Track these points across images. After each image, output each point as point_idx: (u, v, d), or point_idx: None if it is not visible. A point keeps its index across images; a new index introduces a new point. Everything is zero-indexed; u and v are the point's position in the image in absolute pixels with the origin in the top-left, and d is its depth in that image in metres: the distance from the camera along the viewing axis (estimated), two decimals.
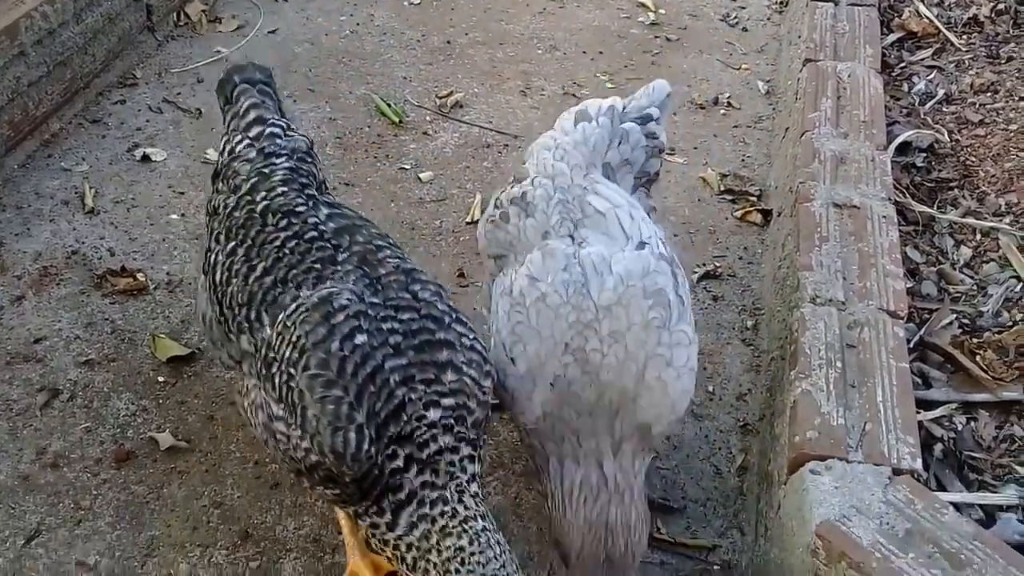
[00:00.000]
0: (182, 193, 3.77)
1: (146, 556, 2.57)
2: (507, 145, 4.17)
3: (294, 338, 2.08)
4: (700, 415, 3.06)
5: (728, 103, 4.51)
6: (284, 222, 2.34)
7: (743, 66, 4.80)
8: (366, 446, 1.99)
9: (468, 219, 3.75)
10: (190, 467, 2.80)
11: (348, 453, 1.98)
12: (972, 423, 2.64)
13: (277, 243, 2.30)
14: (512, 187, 2.67)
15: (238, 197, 2.45)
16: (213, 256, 2.41)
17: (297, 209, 2.36)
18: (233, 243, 2.37)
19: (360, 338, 2.06)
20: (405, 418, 2.04)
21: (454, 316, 2.21)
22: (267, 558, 2.58)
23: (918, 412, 2.53)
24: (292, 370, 2.06)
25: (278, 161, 2.51)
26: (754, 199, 3.91)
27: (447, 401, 2.09)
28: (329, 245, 2.28)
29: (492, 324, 2.53)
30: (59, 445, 2.83)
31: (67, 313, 3.23)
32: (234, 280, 2.30)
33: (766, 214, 3.79)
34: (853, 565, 2.09)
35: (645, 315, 2.34)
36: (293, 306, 2.15)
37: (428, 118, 4.29)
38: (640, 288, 2.35)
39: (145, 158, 3.91)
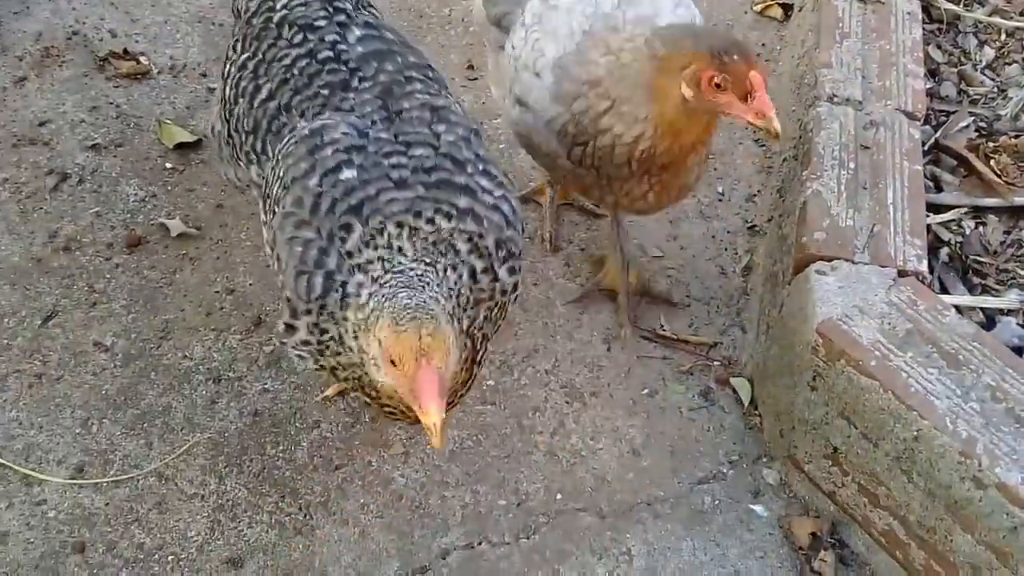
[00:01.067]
0: None
1: (161, 338, 2.63)
2: None
3: (280, 173, 1.91)
4: (708, 215, 3.06)
5: None
6: (299, 38, 2.09)
7: None
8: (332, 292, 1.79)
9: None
10: (201, 254, 2.83)
11: (312, 297, 1.80)
12: (980, 227, 2.64)
13: (287, 62, 2.06)
14: None
15: (259, 0, 2.22)
16: (227, 67, 2.20)
17: (316, 24, 2.10)
18: (246, 55, 2.14)
19: (347, 173, 1.85)
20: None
21: (480, 167, 1.94)
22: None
23: (928, 215, 2.54)
24: (276, 208, 1.90)
25: None
26: None
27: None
28: (344, 69, 2.03)
29: (507, 82, 2.47)
30: (70, 229, 2.85)
31: (71, 96, 3.17)
32: (241, 100, 2.10)
33: (787, 8, 3.66)
34: (852, 363, 2.15)
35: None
36: (287, 138, 1.97)
37: None
38: None
39: None
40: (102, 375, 2.55)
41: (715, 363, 2.73)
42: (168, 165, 3.03)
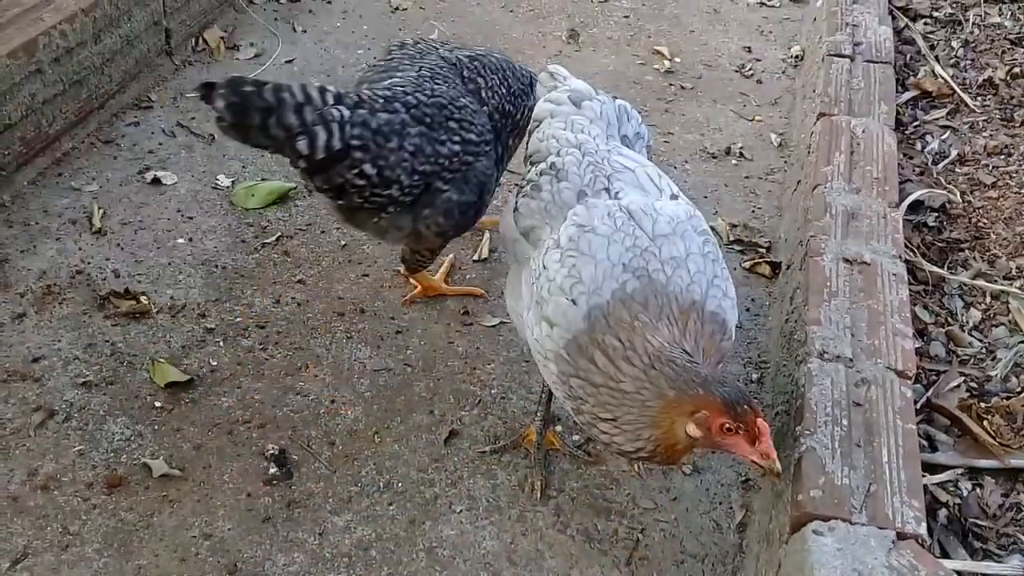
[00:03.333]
0: (191, 218, 3.76)
1: None
2: (516, 184, 4.14)
3: None
4: (701, 467, 3.01)
5: (740, 154, 4.51)
6: None
7: (756, 117, 4.80)
8: None
9: (476, 256, 3.73)
10: (182, 496, 2.76)
11: None
12: (978, 489, 2.59)
13: None
14: (531, 171, 2.74)
15: None
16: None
17: None
18: None
19: None
20: None
21: None
22: None
23: (924, 475, 2.50)
24: None
25: None
26: (763, 251, 3.89)
27: None
28: None
29: (526, 306, 2.54)
30: (51, 467, 2.79)
31: (68, 333, 3.20)
32: None
33: (775, 266, 3.77)
34: None
35: (701, 247, 2.42)
36: None
37: None
38: (690, 226, 2.45)
39: (155, 181, 3.91)
40: None
41: None
42: (157, 404, 3.01)
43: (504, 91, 3.25)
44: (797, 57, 5.24)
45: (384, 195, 2.91)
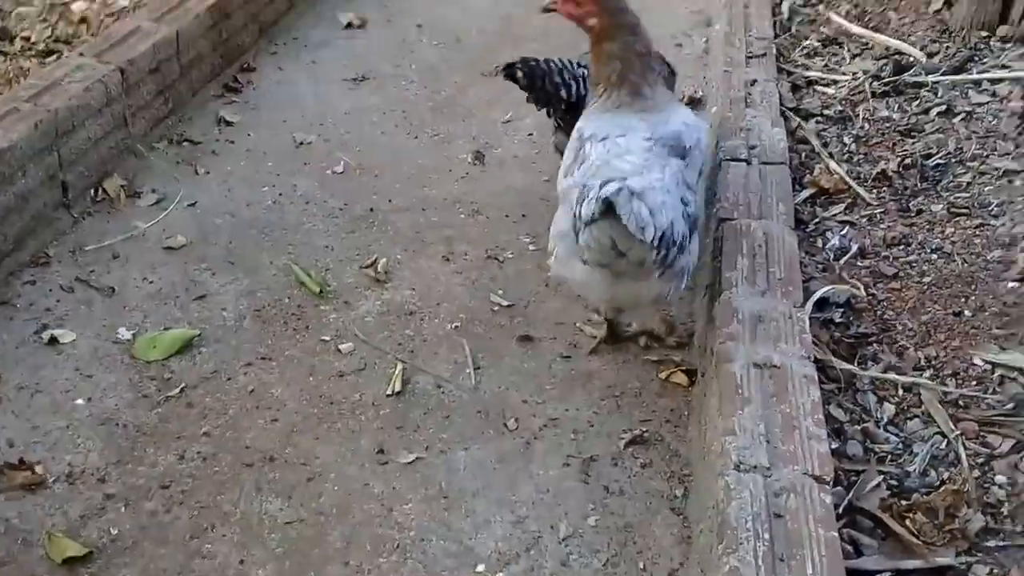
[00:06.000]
0: (90, 376, 3.63)
1: None
2: (430, 311, 4.12)
3: None
4: None
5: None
6: None
7: None
8: None
9: (389, 391, 3.66)
10: None
11: None
12: None
13: None
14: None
15: None
16: None
17: None
18: None
19: None
20: None
21: None
22: None
23: None
24: None
25: None
26: (678, 359, 3.87)
27: None
28: None
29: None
30: None
31: None
32: None
33: (690, 374, 3.75)
34: None
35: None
36: None
37: (349, 287, 4.24)
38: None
39: (52, 340, 3.78)
40: None
41: None
42: None
43: None
44: None
45: None
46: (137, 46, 4.97)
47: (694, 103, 5.63)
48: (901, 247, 4.03)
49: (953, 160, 4.57)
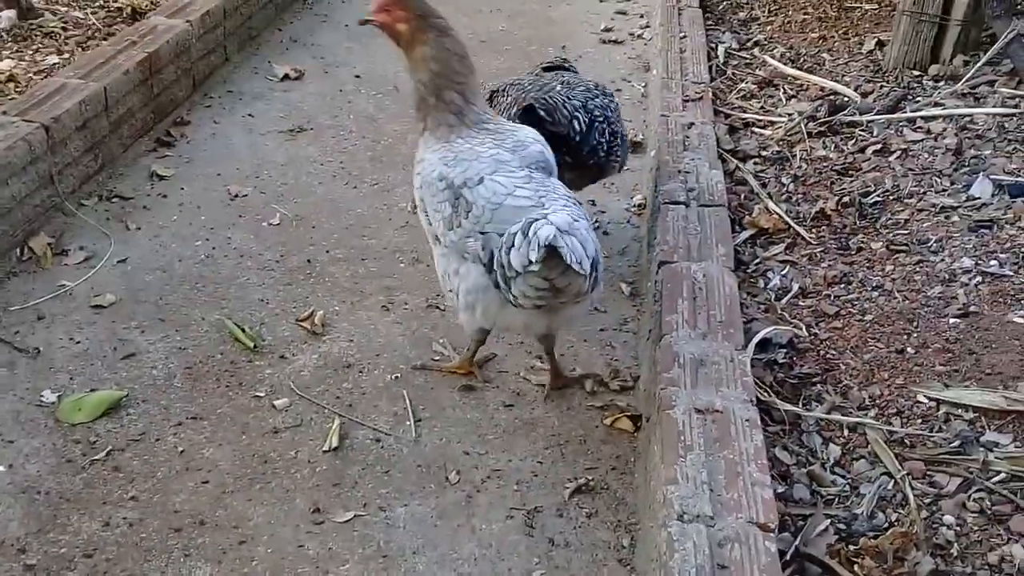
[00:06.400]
0: (11, 442, 3.47)
1: None
2: (369, 363, 4.01)
3: None
4: None
5: (594, 307, 4.47)
6: None
7: (606, 269, 4.80)
8: None
9: (326, 447, 3.54)
10: None
11: None
12: None
13: None
14: None
15: None
16: None
17: None
18: None
19: None
20: None
21: None
22: None
23: None
24: None
25: None
26: (623, 404, 3.80)
27: None
28: None
29: None
30: None
31: None
32: None
33: (636, 420, 3.68)
34: None
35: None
36: None
37: (285, 341, 4.13)
38: None
39: None
40: None
41: None
42: None
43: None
44: (640, 206, 5.32)
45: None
46: (63, 103, 4.85)
47: (635, 147, 5.63)
48: (842, 285, 4.01)
49: (891, 197, 4.59)
